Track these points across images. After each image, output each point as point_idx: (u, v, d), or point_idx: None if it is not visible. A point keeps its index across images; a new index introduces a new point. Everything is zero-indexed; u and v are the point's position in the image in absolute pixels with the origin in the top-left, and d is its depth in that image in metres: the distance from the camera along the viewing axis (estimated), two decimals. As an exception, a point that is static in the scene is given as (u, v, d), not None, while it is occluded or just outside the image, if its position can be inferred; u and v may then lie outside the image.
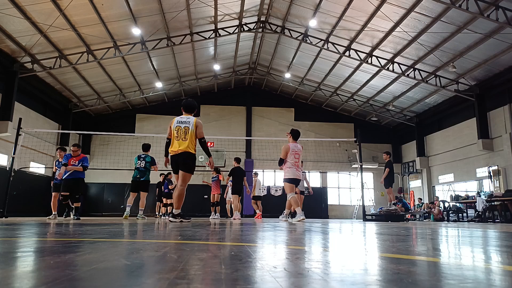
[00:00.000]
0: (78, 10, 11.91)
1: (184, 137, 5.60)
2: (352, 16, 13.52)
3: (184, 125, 5.66)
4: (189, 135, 5.62)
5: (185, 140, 5.59)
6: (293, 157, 7.27)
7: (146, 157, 9.34)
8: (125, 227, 4.08)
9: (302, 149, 7.56)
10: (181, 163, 5.60)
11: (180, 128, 5.64)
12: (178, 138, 5.61)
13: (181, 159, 5.59)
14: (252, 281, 0.89)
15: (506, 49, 12.78)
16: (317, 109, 22.55)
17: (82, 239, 2.22)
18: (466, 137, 16.82)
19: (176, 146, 5.60)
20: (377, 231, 3.75)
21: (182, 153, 5.57)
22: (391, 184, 11.14)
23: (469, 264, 1.28)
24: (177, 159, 5.60)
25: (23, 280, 0.86)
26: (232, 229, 3.61)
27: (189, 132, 5.62)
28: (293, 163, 7.25)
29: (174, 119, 5.78)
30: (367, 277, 0.97)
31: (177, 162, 5.62)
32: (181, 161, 5.59)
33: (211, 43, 16.58)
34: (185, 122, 5.70)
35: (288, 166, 7.26)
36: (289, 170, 7.24)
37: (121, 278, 0.93)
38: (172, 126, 5.71)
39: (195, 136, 5.69)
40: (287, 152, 7.31)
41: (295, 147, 7.39)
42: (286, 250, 1.74)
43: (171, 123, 5.77)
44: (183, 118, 5.76)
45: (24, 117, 11.86)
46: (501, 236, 3.15)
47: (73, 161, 8.54)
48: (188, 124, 5.67)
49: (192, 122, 5.70)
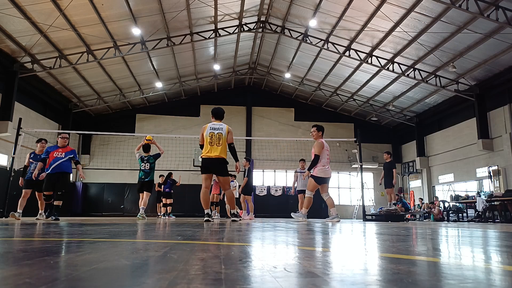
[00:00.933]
0: (78, 10, 11.91)
1: (218, 142, 5.98)
2: (352, 16, 13.52)
3: (217, 131, 6.03)
4: (222, 140, 6.01)
5: (219, 145, 5.98)
6: (325, 155, 7.05)
7: (149, 158, 9.34)
8: (125, 227, 4.08)
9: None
10: (217, 169, 6.03)
11: (214, 134, 6.00)
12: (212, 143, 5.98)
13: (216, 164, 5.99)
14: (252, 281, 0.89)
15: (506, 49, 12.78)
16: (317, 109, 22.55)
17: (82, 239, 2.22)
18: (466, 137, 16.82)
19: (210, 151, 5.96)
20: (377, 231, 3.75)
21: (217, 159, 5.96)
22: (393, 184, 11.18)
23: (469, 264, 1.28)
24: (211, 163, 5.98)
25: (23, 280, 0.86)
26: (232, 229, 3.61)
27: (223, 138, 6.02)
28: (326, 161, 7.02)
29: (206, 126, 6.12)
30: (367, 277, 0.97)
31: (211, 165, 5.99)
32: (217, 166, 6.00)
33: (211, 43, 16.58)
34: (218, 128, 6.06)
35: (322, 164, 7.01)
36: (323, 169, 7.00)
37: (121, 278, 0.93)
38: (205, 132, 6.04)
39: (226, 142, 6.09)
40: (322, 148, 7.04)
41: (325, 144, 7.17)
42: (286, 250, 1.74)
43: (203, 130, 6.10)
44: (216, 125, 6.11)
45: (24, 117, 11.85)
46: (501, 236, 3.15)
47: (59, 153, 7.36)
48: (221, 130, 6.05)
49: (224, 129, 6.09)
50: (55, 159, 7.32)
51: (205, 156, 6.01)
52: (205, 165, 6.04)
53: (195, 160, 19.04)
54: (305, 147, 18.97)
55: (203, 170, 6.06)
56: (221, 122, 6.26)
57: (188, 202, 18.13)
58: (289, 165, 20.14)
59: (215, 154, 5.94)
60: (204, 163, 6.05)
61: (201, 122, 21.33)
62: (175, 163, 16.77)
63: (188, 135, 18.10)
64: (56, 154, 7.32)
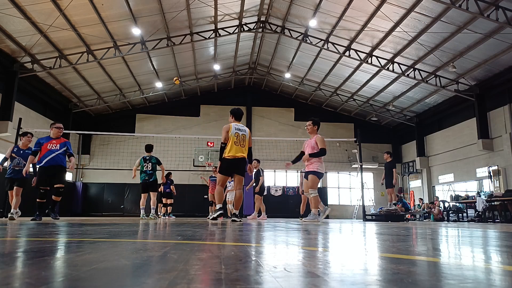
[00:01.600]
0: (78, 10, 11.91)
1: (243, 143, 6.08)
2: (352, 16, 13.52)
3: (242, 132, 6.15)
4: (246, 142, 6.14)
5: (243, 146, 6.08)
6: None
7: (151, 159, 9.34)
8: (125, 227, 4.08)
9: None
10: (240, 168, 6.04)
11: (239, 135, 6.09)
12: (237, 143, 6.03)
13: (241, 164, 6.04)
14: (252, 281, 0.89)
15: (506, 49, 12.78)
16: (317, 109, 22.54)
17: (82, 239, 2.22)
18: (466, 137, 16.82)
19: (236, 151, 5.99)
20: (377, 231, 3.75)
21: (243, 159, 6.05)
22: (393, 185, 11.18)
23: (469, 264, 1.28)
24: (237, 163, 6.00)
25: (23, 280, 0.86)
26: (232, 230, 3.61)
27: (246, 140, 6.16)
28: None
29: (231, 125, 6.13)
30: (367, 277, 0.97)
31: (235, 166, 6.02)
32: (241, 166, 6.04)
33: (211, 43, 16.58)
34: (242, 130, 6.19)
35: (322, 160, 7.03)
36: (322, 164, 6.97)
37: (121, 278, 0.93)
38: (231, 132, 6.05)
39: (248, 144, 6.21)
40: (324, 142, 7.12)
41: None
42: (286, 250, 1.74)
43: (227, 129, 6.08)
44: (239, 126, 6.22)
45: (24, 117, 11.86)
46: (501, 236, 3.15)
47: (53, 145, 6.71)
48: (245, 132, 6.21)
49: (247, 131, 6.28)
50: (50, 151, 6.66)
51: (231, 156, 5.97)
52: (229, 166, 6.01)
53: (195, 160, 19.05)
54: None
55: (225, 172, 6.06)
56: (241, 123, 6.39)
57: (188, 202, 18.14)
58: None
59: (241, 154, 6.00)
60: (229, 164, 6.00)
61: (201, 122, 21.35)
62: (175, 163, 16.78)
63: (188, 135, 18.13)
64: (50, 146, 6.67)
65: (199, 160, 18.91)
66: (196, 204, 18.91)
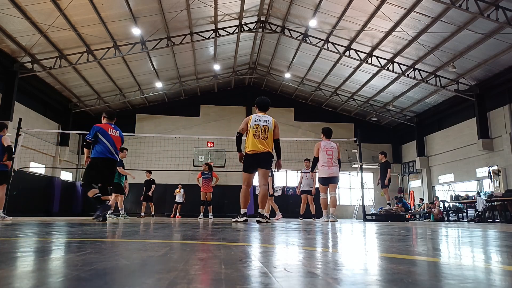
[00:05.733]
0: (78, 10, 11.91)
1: (264, 136, 5.51)
2: (352, 16, 13.52)
3: (263, 123, 5.57)
4: (268, 134, 5.55)
5: (265, 139, 5.50)
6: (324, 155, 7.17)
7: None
8: (124, 227, 4.08)
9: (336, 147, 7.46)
10: (262, 162, 5.49)
11: (259, 127, 5.53)
12: (257, 136, 5.48)
13: (263, 158, 5.48)
14: (252, 281, 0.89)
15: (506, 49, 12.78)
16: (317, 109, 22.55)
17: (82, 239, 2.22)
18: (466, 137, 16.82)
19: (256, 145, 5.46)
20: (377, 231, 3.75)
21: (265, 153, 5.48)
22: (386, 184, 11.15)
23: (469, 264, 1.28)
24: (258, 158, 5.47)
25: (23, 280, 0.86)
26: (232, 230, 3.61)
27: (269, 131, 5.56)
28: (324, 161, 7.13)
29: (251, 117, 5.64)
30: (367, 277, 0.97)
31: (257, 161, 5.48)
32: (263, 160, 5.48)
33: (211, 43, 16.58)
34: (264, 121, 5.60)
35: (320, 165, 7.15)
36: (321, 169, 7.14)
37: (121, 278, 0.93)
38: (250, 123, 5.56)
39: (273, 136, 5.62)
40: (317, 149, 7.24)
41: (327, 144, 7.31)
42: (286, 250, 1.74)
43: (247, 120, 5.62)
44: (261, 117, 5.64)
45: (24, 117, 11.85)
46: (501, 236, 3.15)
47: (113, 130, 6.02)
48: (267, 123, 5.60)
49: (271, 122, 5.65)
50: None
51: (252, 151, 5.45)
52: (251, 161, 5.48)
53: (195, 160, 19.04)
54: (305, 147, 18.94)
55: (247, 169, 5.51)
56: (266, 114, 5.77)
57: (188, 202, 18.11)
58: (289, 165, 20.10)
59: (263, 148, 5.44)
60: (250, 160, 5.48)
61: (201, 122, 21.34)
62: (175, 163, 16.78)
63: (188, 135, 18.12)
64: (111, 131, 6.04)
65: (199, 160, 18.90)
66: (196, 204, 18.85)
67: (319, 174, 7.13)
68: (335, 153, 7.36)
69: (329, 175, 7.17)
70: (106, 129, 5.88)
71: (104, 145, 5.76)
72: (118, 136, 5.99)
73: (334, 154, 7.32)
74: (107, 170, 5.84)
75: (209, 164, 12.44)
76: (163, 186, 19.31)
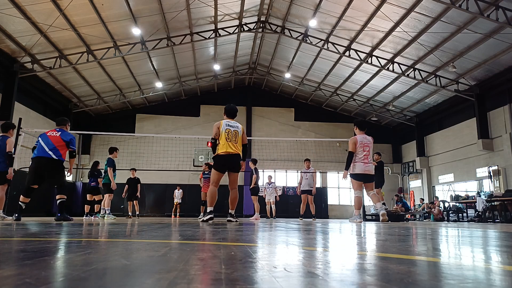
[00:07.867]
0: (78, 10, 11.91)
1: (235, 139, 5.95)
2: (352, 16, 13.52)
3: (233, 128, 5.99)
4: (238, 138, 6.00)
5: (236, 142, 5.94)
6: (361, 151, 6.93)
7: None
8: (125, 227, 4.08)
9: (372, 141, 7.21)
10: (235, 165, 5.91)
11: (231, 131, 5.93)
12: (229, 140, 5.89)
13: (235, 160, 5.90)
14: (252, 281, 0.89)
15: (506, 49, 12.78)
16: (317, 109, 22.55)
17: (82, 239, 2.22)
18: (466, 137, 16.82)
19: (228, 147, 5.85)
20: (377, 231, 3.75)
21: (236, 155, 5.90)
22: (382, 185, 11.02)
23: (469, 264, 1.28)
24: (230, 159, 5.86)
25: (23, 280, 0.86)
26: (232, 230, 3.61)
27: (239, 136, 6.01)
28: (361, 157, 6.89)
29: (221, 122, 5.99)
30: (367, 277, 0.97)
31: (229, 162, 5.87)
32: (234, 163, 5.89)
33: (211, 43, 16.58)
34: (234, 126, 6.02)
35: (355, 161, 6.90)
36: (356, 165, 6.88)
37: (121, 278, 0.93)
38: (221, 128, 5.92)
39: (241, 141, 6.08)
40: (354, 144, 6.98)
41: (364, 138, 7.07)
42: (286, 250, 1.74)
43: (218, 125, 5.97)
44: (231, 122, 6.04)
45: (24, 117, 11.84)
46: (501, 236, 3.15)
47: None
48: (237, 128, 6.04)
49: (240, 127, 6.10)
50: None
51: (224, 152, 5.82)
52: (223, 162, 5.86)
53: (195, 160, 19.04)
54: (305, 147, 18.99)
55: (220, 168, 5.89)
56: (234, 120, 6.16)
57: (188, 202, 18.11)
58: (289, 165, 20.15)
59: (234, 150, 5.86)
60: (222, 160, 5.86)
61: (201, 122, 21.35)
62: (175, 163, 16.78)
63: (188, 135, 18.13)
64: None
65: (199, 160, 18.90)
66: (197, 204, 18.85)
67: (353, 169, 6.96)
68: (371, 150, 7.12)
69: (365, 172, 6.88)
70: (46, 133, 6.29)
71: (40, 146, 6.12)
72: (57, 136, 6.21)
73: (370, 150, 7.05)
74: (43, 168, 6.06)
75: (209, 164, 12.45)
76: (163, 186, 19.34)
